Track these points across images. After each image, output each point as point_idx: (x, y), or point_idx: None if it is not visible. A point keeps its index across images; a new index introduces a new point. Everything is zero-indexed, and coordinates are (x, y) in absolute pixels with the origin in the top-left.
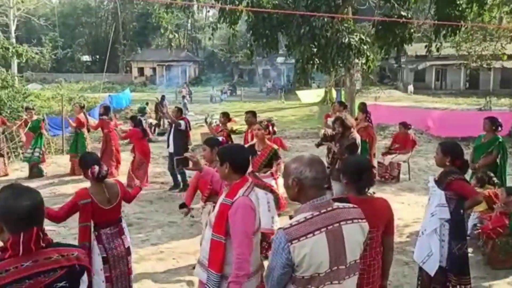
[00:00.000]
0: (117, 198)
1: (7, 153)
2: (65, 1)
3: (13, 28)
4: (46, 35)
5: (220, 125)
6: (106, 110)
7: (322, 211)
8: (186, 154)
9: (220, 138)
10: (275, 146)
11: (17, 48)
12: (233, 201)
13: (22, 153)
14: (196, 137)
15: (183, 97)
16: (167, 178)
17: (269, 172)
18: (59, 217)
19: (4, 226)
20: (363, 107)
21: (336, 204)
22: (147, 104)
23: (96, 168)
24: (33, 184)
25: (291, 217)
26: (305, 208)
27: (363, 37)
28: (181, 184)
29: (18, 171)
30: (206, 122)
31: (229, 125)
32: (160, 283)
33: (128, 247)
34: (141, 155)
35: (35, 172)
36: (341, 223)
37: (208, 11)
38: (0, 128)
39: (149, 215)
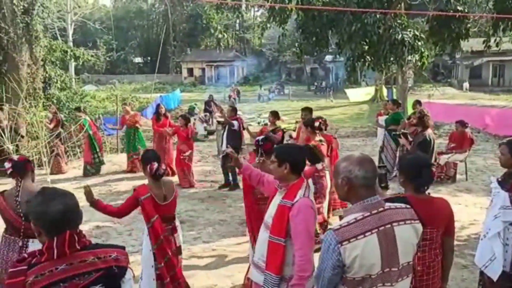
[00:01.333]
0: (172, 195)
1: (66, 152)
2: (119, 5)
3: (70, 32)
4: (101, 38)
5: (269, 124)
6: (163, 109)
7: (373, 212)
8: (227, 150)
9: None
10: (313, 143)
11: (74, 51)
12: (293, 202)
13: (80, 152)
14: (247, 136)
15: (230, 96)
16: (217, 177)
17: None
18: (120, 213)
19: (41, 230)
20: (418, 104)
21: (387, 205)
22: (195, 104)
23: (155, 164)
24: (89, 181)
25: (341, 218)
26: (355, 208)
27: (417, 33)
28: (232, 182)
29: (75, 169)
30: (247, 129)
31: (277, 124)
32: (213, 280)
33: (179, 246)
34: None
35: (89, 171)
36: (393, 224)
37: (257, 11)
38: (56, 128)
39: (200, 213)
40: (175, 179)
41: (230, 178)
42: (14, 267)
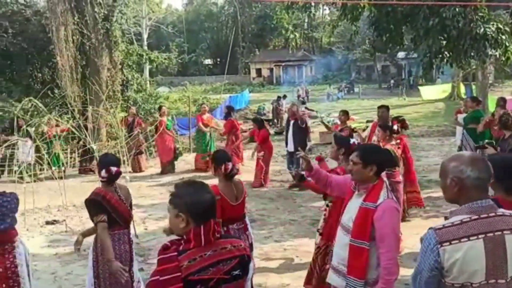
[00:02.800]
0: (242, 195)
1: (144, 151)
2: (190, 9)
3: (145, 36)
4: (173, 41)
5: (339, 123)
6: (229, 110)
7: (482, 215)
8: (300, 155)
9: (352, 141)
10: (389, 147)
11: (149, 54)
12: (377, 204)
13: (155, 151)
14: (314, 135)
15: (298, 96)
16: (286, 176)
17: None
18: None
19: (190, 218)
20: (502, 102)
21: (501, 211)
22: (264, 104)
23: (230, 165)
24: (164, 180)
25: (446, 218)
26: (462, 210)
27: (500, 26)
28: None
29: (152, 167)
30: (322, 122)
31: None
32: (285, 280)
33: (251, 243)
34: (269, 153)
35: (168, 169)
36: (505, 232)
37: (325, 9)
38: (138, 128)
39: (271, 212)
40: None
41: None
42: (163, 254)
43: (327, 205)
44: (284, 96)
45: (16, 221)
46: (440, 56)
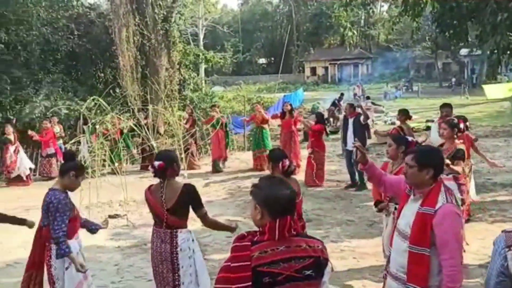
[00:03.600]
0: (299, 195)
1: (198, 150)
2: (245, 9)
3: (201, 36)
4: (228, 41)
5: (399, 123)
6: (291, 108)
7: None
8: (355, 144)
9: (410, 138)
10: (461, 146)
11: (206, 54)
12: (436, 209)
13: (210, 149)
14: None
15: (354, 94)
16: (342, 176)
17: (451, 175)
18: None
19: (265, 211)
20: None
21: None
22: (318, 103)
23: (287, 162)
24: (218, 178)
25: None
26: None
27: None
28: (359, 182)
29: (207, 165)
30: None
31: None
32: (344, 280)
33: None
34: (321, 151)
35: (217, 167)
36: None
37: (382, 6)
38: (192, 127)
39: (327, 212)
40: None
41: (357, 177)
42: (238, 243)
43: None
44: (342, 95)
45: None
46: (509, 52)
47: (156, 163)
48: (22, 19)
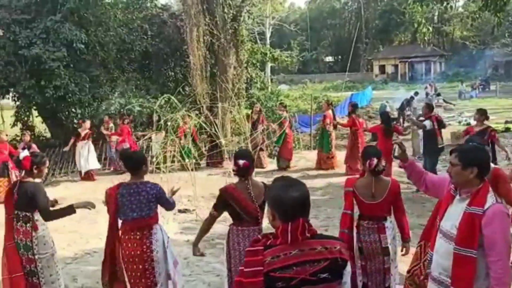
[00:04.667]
0: (383, 196)
1: (266, 148)
2: (313, 6)
3: (268, 35)
4: (295, 39)
5: (476, 123)
6: (354, 107)
7: None
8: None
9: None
10: None
11: (273, 53)
12: (484, 209)
13: (274, 147)
14: (446, 136)
15: (427, 94)
16: None
17: None
18: (347, 208)
19: (275, 213)
20: None
21: None
22: (387, 102)
23: (375, 160)
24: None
25: None
26: None
27: None
28: None
29: (273, 164)
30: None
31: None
32: None
33: (386, 247)
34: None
35: (281, 165)
36: None
37: (458, 1)
38: (262, 126)
39: None
40: None
41: None
42: (252, 247)
43: None
44: (416, 94)
45: (152, 209)
46: None
47: (241, 161)
48: (101, 20)
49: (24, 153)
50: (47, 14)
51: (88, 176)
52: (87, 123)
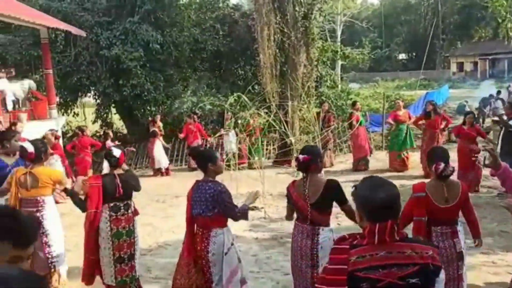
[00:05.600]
0: (456, 199)
1: (334, 147)
2: (386, 2)
3: (339, 33)
4: (366, 36)
5: None
6: (435, 106)
7: None
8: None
9: None
10: None
11: (344, 50)
12: None
13: (347, 147)
14: None
15: (510, 93)
16: (494, 182)
17: None
18: (404, 216)
19: (362, 214)
20: None
21: None
22: (466, 101)
23: (441, 165)
24: (353, 177)
25: None
26: None
27: None
28: None
29: (342, 163)
30: None
31: None
32: None
33: (460, 252)
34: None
35: (360, 166)
36: None
37: None
38: (334, 124)
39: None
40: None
41: None
42: (338, 245)
43: None
44: (498, 93)
45: (210, 210)
46: None
47: (301, 156)
48: (175, 21)
49: (117, 151)
50: (126, 16)
51: (161, 172)
52: (157, 122)
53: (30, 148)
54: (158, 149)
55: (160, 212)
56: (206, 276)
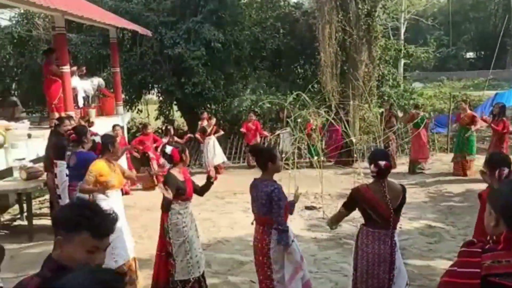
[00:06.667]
0: None
1: (397, 148)
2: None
3: (402, 30)
4: (431, 34)
5: None
6: (502, 109)
7: None
8: None
9: None
10: None
11: (407, 49)
12: None
13: (408, 148)
14: None
15: None
16: None
17: None
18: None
19: (501, 219)
20: None
21: None
22: None
23: (506, 170)
24: (417, 179)
25: None
26: None
27: None
28: None
29: (403, 165)
30: None
31: None
32: None
33: None
34: None
35: (415, 168)
36: None
37: None
38: (397, 125)
39: None
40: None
41: None
42: (468, 248)
43: None
44: None
45: (265, 208)
46: None
47: (382, 162)
48: (237, 20)
49: (169, 148)
50: (189, 16)
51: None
52: (213, 120)
53: (98, 139)
54: (209, 147)
55: (219, 208)
56: (266, 273)
